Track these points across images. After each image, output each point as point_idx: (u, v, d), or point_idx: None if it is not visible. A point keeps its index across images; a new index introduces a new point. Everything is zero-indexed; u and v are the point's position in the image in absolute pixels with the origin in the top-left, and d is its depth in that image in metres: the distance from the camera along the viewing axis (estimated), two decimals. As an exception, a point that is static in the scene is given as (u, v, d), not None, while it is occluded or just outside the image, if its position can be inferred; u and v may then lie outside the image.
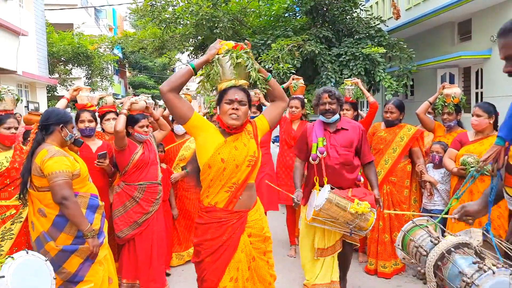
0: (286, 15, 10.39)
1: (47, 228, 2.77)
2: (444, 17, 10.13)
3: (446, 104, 4.17)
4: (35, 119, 3.83)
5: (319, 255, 3.46)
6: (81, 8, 22.97)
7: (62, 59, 17.32)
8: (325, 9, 9.40)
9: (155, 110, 4.28)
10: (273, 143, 10.24)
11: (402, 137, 4.20)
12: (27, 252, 2.07)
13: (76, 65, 17.67)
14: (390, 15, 11.24)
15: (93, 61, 17.50)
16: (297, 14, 10.44)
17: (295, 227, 5.01)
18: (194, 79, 2.55)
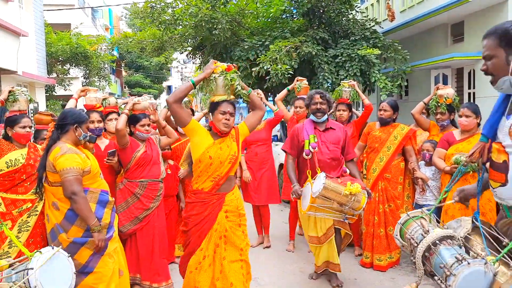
0: (283, 16, 10.51)
1: (60, 221, 2.94)
2: (437, 19, 10.30)
3: (439, 104, 4.35)
4: (45, 118, 3.97)
5: (316, 242, 3.84)
6: (79, 8, 23.01)
7: (60, 59, 17.37)
8: (321, 11, 9.56)
9: (157, 110, 4.50)
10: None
11: (396, 136, 4.39)
12: (52, 248, 2.21)
13: (74, 65, 17.72)
14: (385, 17, 11.40)
15: (91, 61, 17.55)
16: (294, 16, 10.58)
17: (296, 223, 5.19)
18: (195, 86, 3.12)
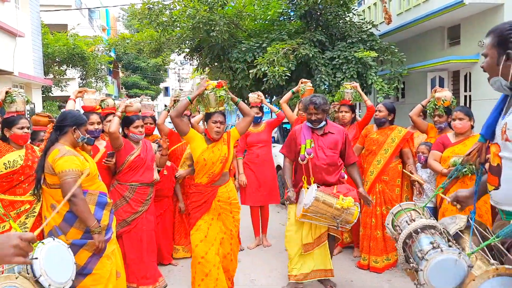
0: (281, 19, 10.52)
1: (58, 223, 2.93)
2: (434, 22, 10.35)
3: (437, 107, 4.36)
4: (42, 120, 3.97)
5: (306, 250, 3.78)
6: (76, 9, 22.97)
7: (57, 60, 17.33)
8: (318, 13, 9.57)
9: (154, 112, 4.56)
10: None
11: (393, 138, 4.41)
12: (53, 239, 2.22)
13: (70, 66, 17.68)
14: (382, 19, 11.43)
15: (87, 62, 17.52)
16: (291, 18, 10.60)
17: None
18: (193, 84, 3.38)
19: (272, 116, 10.77)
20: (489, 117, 2.01)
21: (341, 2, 9.57)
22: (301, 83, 5.28)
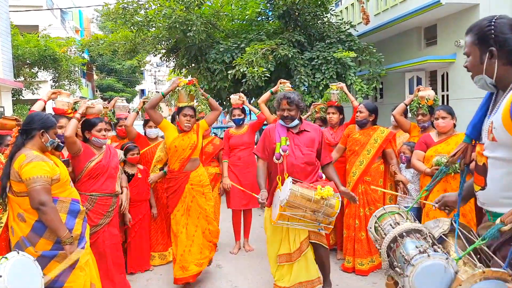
0: (259, 19, 10.48)
1: (26, 233, 2.73)
2: (411, 23, 10.48)
3: (420, 105, 4.34)
4: (9, 123, 3.71)
5: (286, 260, 3.48)
6: (47, 9, 22.34)
7: (28, 62, 16.75)
8: (297, 13, 9.54)
9: (129, 113, 4.45)
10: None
11: (376, 139, 4.35)
12: (18, 253, 2.09)
13: (42, 68, 17.11)
14: (359, 20, 11.51)
15: (60, 64, 16.99)
16: (269, 18, 10.56)
17: None
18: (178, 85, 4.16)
19: (251, 118, 10.65)
20: (474, 117, 1.97)
21: (319, 2, 9.58)
22: (280, 83, 5.16)
